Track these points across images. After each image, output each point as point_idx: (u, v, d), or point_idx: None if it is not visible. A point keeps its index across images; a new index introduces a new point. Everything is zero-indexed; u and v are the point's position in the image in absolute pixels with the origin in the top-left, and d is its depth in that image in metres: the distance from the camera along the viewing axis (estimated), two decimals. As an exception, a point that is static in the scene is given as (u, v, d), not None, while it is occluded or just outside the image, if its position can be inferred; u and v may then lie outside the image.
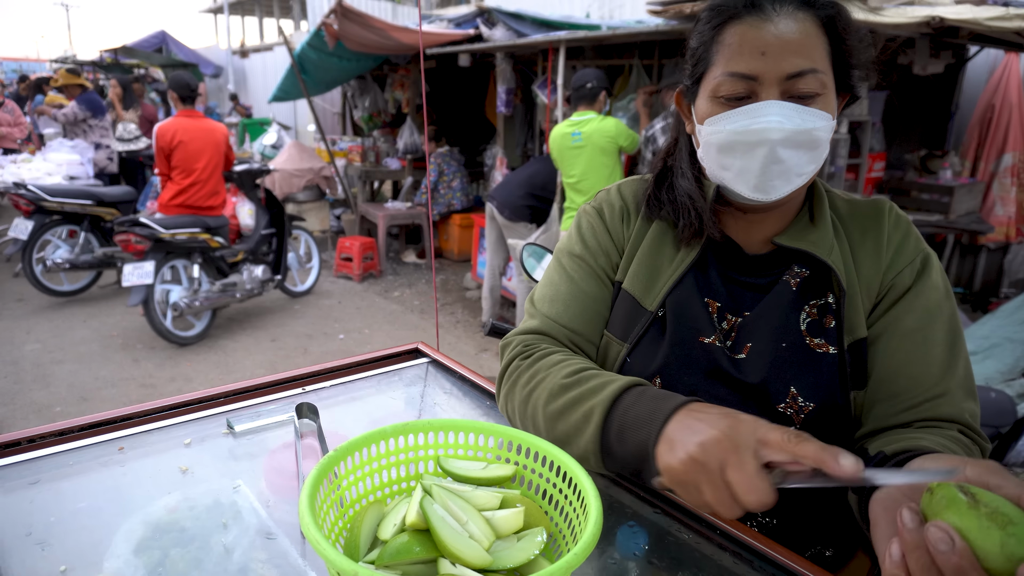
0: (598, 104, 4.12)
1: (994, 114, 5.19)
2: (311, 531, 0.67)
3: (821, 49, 0.90)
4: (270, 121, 10.04)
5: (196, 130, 4.88)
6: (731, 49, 0.91)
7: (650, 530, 0.93)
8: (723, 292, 1.04)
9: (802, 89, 0.89)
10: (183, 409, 1.12)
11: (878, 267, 1.00)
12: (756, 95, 0.90)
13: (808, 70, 0.88)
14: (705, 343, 1.01)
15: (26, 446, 0.99)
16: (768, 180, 0.92)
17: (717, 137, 0.94)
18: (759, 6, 0.90)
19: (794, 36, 0.88)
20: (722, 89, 0.92)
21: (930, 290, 0.98)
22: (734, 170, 0.95)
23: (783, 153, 0.90)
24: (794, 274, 1.01)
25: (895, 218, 1.03)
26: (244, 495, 1.01)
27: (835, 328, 0.98)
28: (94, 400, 4.08)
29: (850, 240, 1.02)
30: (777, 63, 0.88)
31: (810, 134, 0.90)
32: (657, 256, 1.06)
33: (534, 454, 0.87)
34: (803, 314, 1.00)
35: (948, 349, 0.96)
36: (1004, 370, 3.39)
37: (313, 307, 5.97)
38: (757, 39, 0.89)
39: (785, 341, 0.98)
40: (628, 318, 1.05)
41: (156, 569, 0.86)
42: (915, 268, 0.99)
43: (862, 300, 0.99)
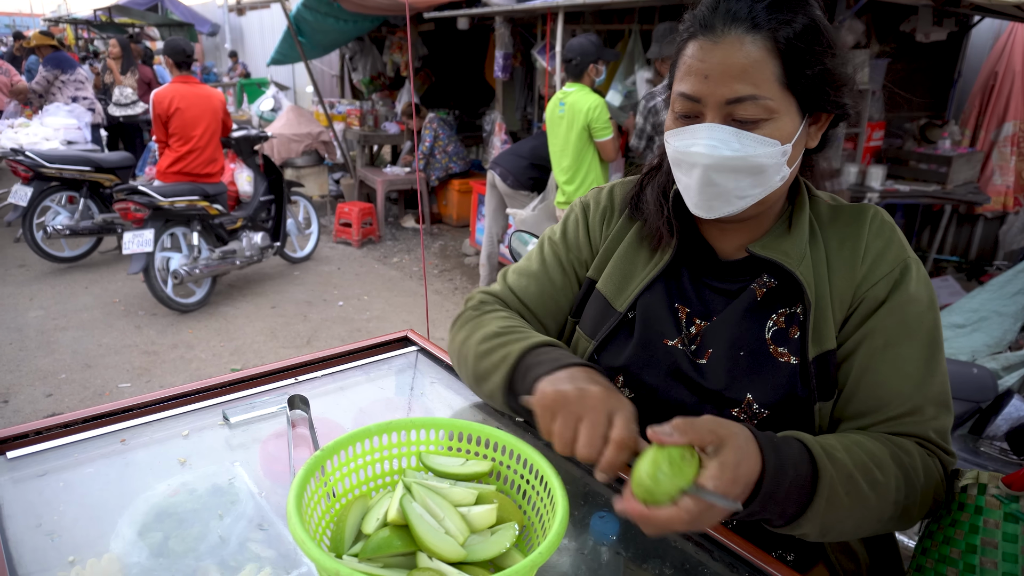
0: (586, 78, 4.08)
1: (997, 82, 5.13)
2: (297, 530, 0.73)
3: (768, 73, 0.89)
4: (267, 82, 9.93)
5: (193, 97, 4.86)
6: (684, 68, 0.93)
7: (620, 519, 0.99)
8: (693, 297, 1.06)
9: (742, 115, 0.89)
10: (180, 400, 1.17)
11: (852, 278, 0.98)
12: (701, 116, 0.92)
13: (747, 96, 0.88)
14: (668, 345, 1.05)
15: (33, 438, 1.05)
16: (706, 200, 0.95)
17: (669, 150, 0.98)
18: (710, 27, 0.90)
19: (736, 61, 0.88)
20: (676, 105, 0.95)
21: (907, 304, 0.96)
22: (682, 185, 0.99)
23: (716, 177, 0.92)
24: (762, 283, 1.02)
25: (877, 226, 1.01)
26: (240, 482, 1.07)
27: (799, 339, 0.99)
28: (98, 367, 4.16)
29: (827, 248, 1.01)
30: (717, 87, 0.89)
31: (747, 160, 0.90)
32: (632, 259, 1.10)
33: (509, 451, 0.92)
34: (770, 322, 1.01)
35: (923, 365, 0.95)
36: (991, 343, 3.45)
37: (313, 273, 6.02)
38: (703, 62, 0.90)
39: (744, 348, 1.00)
40: (598, 317, 1.10)
41: (158, 550, 0.92)
42: (891, 280, 0.97)
43: (833, 311, 0.98)
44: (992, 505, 0.90)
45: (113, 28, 12.82)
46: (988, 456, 2.76)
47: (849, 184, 4.73)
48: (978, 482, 0.92)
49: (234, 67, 13.01)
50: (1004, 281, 3.71)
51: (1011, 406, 2.85)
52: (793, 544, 1.04)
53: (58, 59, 6.95)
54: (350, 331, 4.84)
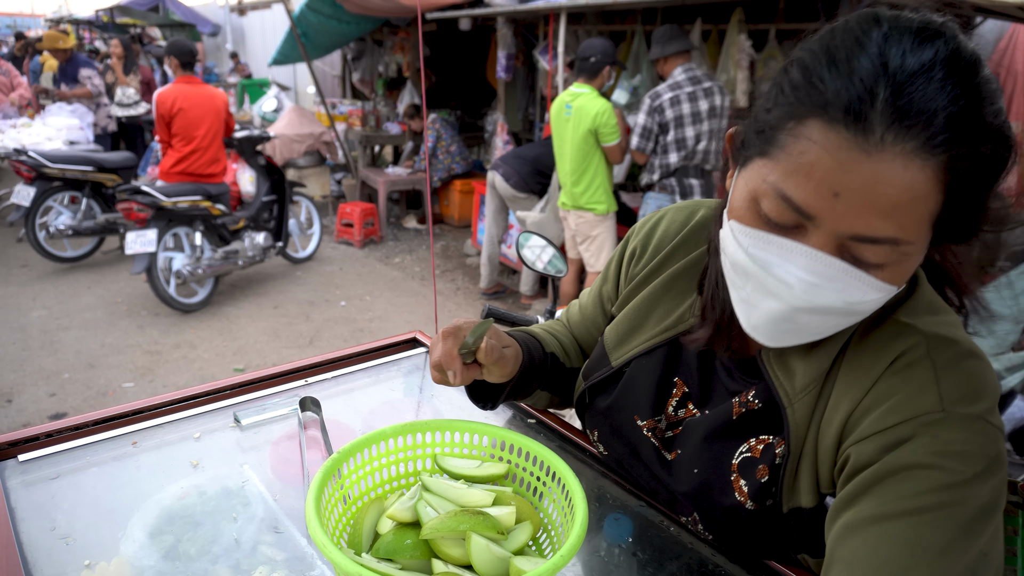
0: (599, 79, 4.08)
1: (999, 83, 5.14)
2: (318, 534, 0.73)
3: (924, 212, 0.62)
4: (269, 82, 9.93)
5: (196, 97, 4.86)
6: (798, 162, 0.63)
7: (635, 521, 0.99)
8: (696, 379, 0.92)
9: (867, 257, 0.65)
10: (191, 403, 1.17)
11: (841, 425, 0.74)
12: (804, 232, 0.66)
13: (886, 239, 0.63)
14: (637, 424, 0.96)
15: (44, 441, 1.05)
16: (772, 332, 0.73)
17: (735, 252, 0.72)
18: (866, 121, 0.60)
19: (890, 191, 0.60)
20: (764, 203, 0.67)
21: (905, 471, 0.67)
22: (740, 294, 0.75)
23: (801, 318, 0.69)
24: (744, 401, 0.84)
25: (905, 363, 0.71)
26: (252, 484, 1.06)
27: (765, 484, 0.80)
28: (101, 367, 4.16)
29: (837, 379, 0.76)
30: (847, 215, 0.62)
31: (848, 307, 0.67)
32: (646, 314, 0.98)
33: (525, 453, 0.92)
34: (744, 446, 0.83)
35: (915, 557, 0.63)
36: (994, 344, 3.44)
37: (315, 273, 6.02)
38: (836, 172, 0.61)
39: (700, 466, 0.87)
40: (596, 362, 1.04)
41: (170, 553, 0.92)
42: (886, 440, 0.68)
43: (818, 463, 0.76)
44: (1010, 512, 0.89)
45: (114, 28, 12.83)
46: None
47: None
48: None
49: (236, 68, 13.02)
50: (1007, 282, 3.71)
51: (1014, 407, 2.84)
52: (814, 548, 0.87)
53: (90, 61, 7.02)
54: (352, 331, 4.84)
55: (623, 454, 1.01)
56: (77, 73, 6.85)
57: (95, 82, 6.84)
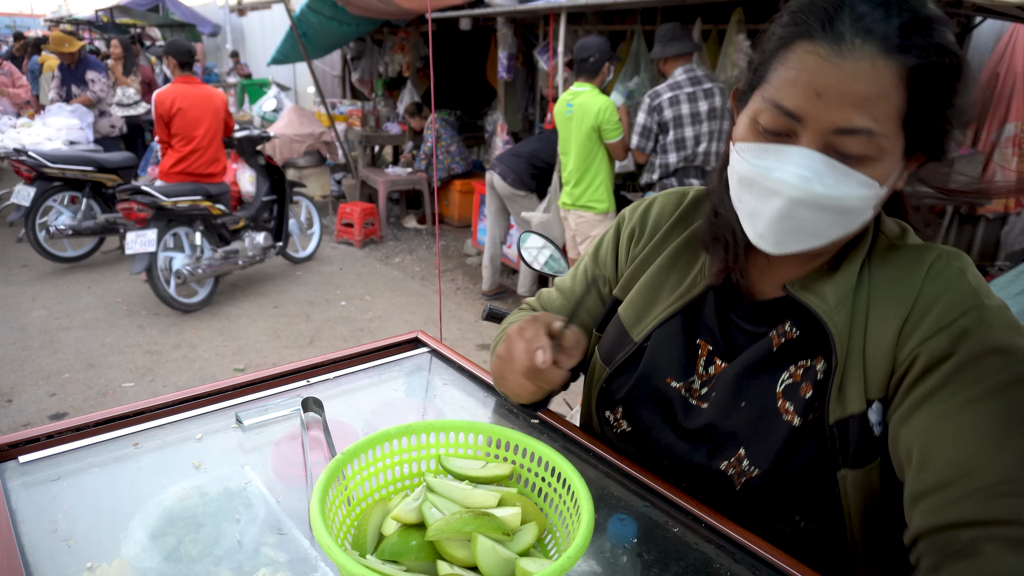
0: (599, 77, 4.09)
1: (998, 83, 5.13)
2: (323, 536, 0.72)
3: (892, 107, 0.75)
4: (269, 82, 9.92)
5: (195, 97, 4.86)
6: (786, 75, 0.78)
7: (640, 521, 0.98)
8: (718, 335, 0.98)
9: (849, 148, 0.76)
10: (193, 403, 1.17)
11: (895, 332, 0.82)
12: (795, 136, 0.79)
13: (862, 130, 0.75)
14: (672, 386, 1.00)
15: (45, 442, 1.04)
16: (777, 234, 0.83)
17: (740, 167, 0.84)
18: (837, 33, 0.74)
19: (860, 86, 0.73)
20: (762, 117, 0.81)
21: (984, 355, 0.77)
22: (746, 208, 0.86)
23: (800, 212, 0.79)
24: (781, 332, 0.92)
25: (938, 270, 0.83)
26: (254, 485, 1.06)
27: (810, 399, 0.88)
28: (101, 367, 4.16)
29: (871, 294, 0.86)
30: (828, 110, 0.75)
31: (839, 201, 0.78)
32: (658, 287, 1.04)
33: (530, 454, 0.91)
34: (785, 374, 0.91)
35: (1013, 426, 0.73)
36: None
37: (315, 273, 6.02)
38: (817, 75, 0.75)
39: (747, 400, 0.93)
40: (615, 343, 1.06)
41: (171, 555, 0.91)
42: (957, 330, 0.78)
43: (866, 370, 0.84)
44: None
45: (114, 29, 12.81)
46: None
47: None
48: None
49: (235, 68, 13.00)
50: (1006, 282, 3.70)
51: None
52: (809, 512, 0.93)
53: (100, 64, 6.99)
54: (352, 331, 4.83)
55: (653, 422, 1.02)
56: (84, 75, 6.82)
57: (95, 88, 6.80)
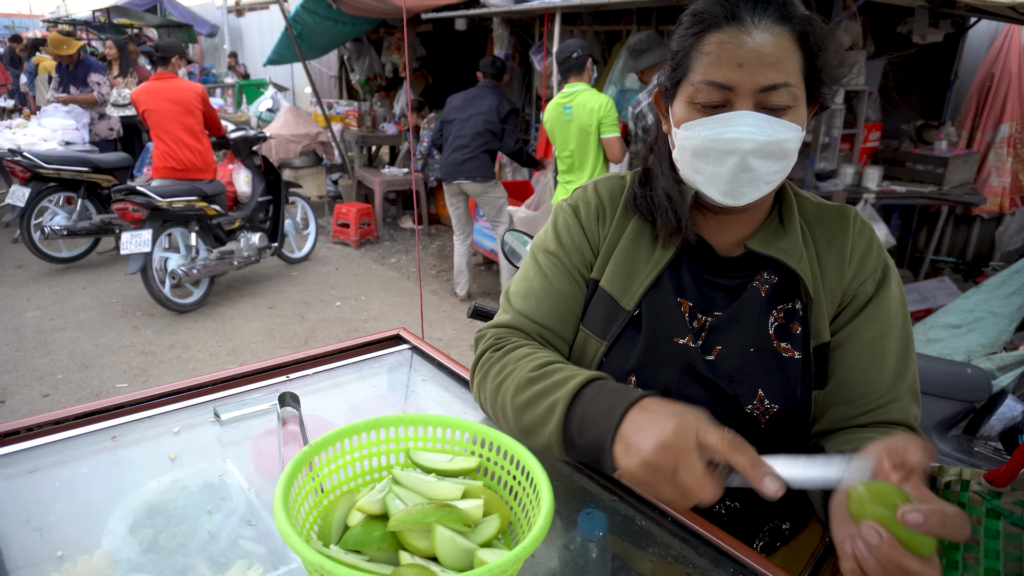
0: (587, 74, 4.09)
1: (993, 83, 5.15)
2: (283, 524, 0.74)
3: (795, 63, 0.93)
4: (266, 83, 9.94)
5: (162, 91, 4.90)
6: (709, 58, 0.94)
7: (608, 515, 1.00)
8: (695, 292, 1.08)
9: (775, 102, 0.93)
10: (172, 398, 1.18)
11: (841, 276, 1.05)
12: (731, 104, 0.94)
13: (781, 84, 0.92)
14: (679, 344, 1.06)
15: (24, 435, 1.06)
16: (738, 187, 0.97)
17: (692, 142, 0.98)
18: (739, 18, 0.93)
19: (770, 50, 0.91)
20: (699, 96, 0.95)
21: (889, 300, 1.05)
22: (706, 175, 0.99)
23: (753, 162, 0.94)
24: (763, 280, 1.07)
25: (860, 226, 1.08)
26: (231, 479, 1.07)
27: (801, 334, 1.04)
28: (95, 367, 4.17)
29: (816, 247, 1.07)
30: (753, 75, 0.91)
31: (780, 145, 0.94)
32: (634, 256, 1.10)
33: (496, 448, 0.93)
34: (771, 318, 1.05)
35: (901, 357, 1.03)
36: (986, 344, 3.46)
37: (310, 274, 6.03)
38: (735, 50, 0.92)
39: (753, 345, 1.04)
40: (606, 316, 1.08)
41: (149, 548, 0.93)
42: (876, 278, 1.05)
43: (826, 306, 1.04)
44: (975, 501, 0.90)
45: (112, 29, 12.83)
46: (982, 456, 2.77)
47: (846, 185, 4.74)
48: (961, 479, 0.93)
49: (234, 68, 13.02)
50: (1000, 282, 3.72)
51: (1005, 406, 2.85)
52: (787, 513, 1.13)
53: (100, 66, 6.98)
54: (347, 331, 4.84)
55: (671, 382, 1.05)
56: (87, 76, 6.81)
57: (102, 90, 6.81)
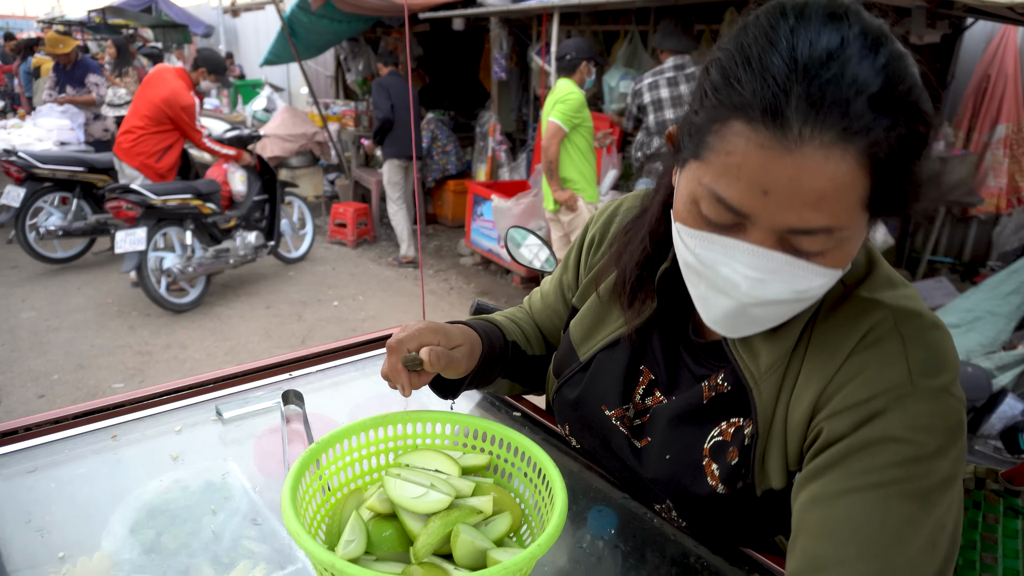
0: (578, 75, 4.12)
1: (989, 84, 5.16)
2: (292, 523, 0.72)
3: (853, 197, 0.62)
4: (262, 83, 9.90)
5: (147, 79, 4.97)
6: (726, 163, 0.64)
7: (618, 513, 0.99)
8: (662, 366, 0.92)
9: (805, 247, 0.66)
10: (173, 396, 1.16)
11: (812, 401, 0.74)
12: (743, 230, 0.67)
13: (820, 229, 0.64)
14: (606, 414, 0.95)
15: (23, 434, 1.04)
16: (731, 325, 0.75)
17: (684, 253, 0.74)
18: (782, 120, 0.60)
19: (815, 184, 0.61)
20: (703, 205, 0.68)
21: (878, 444, 0.68)
22: (697, 291, 0.76)
23: (754, 311, 0.71)
24: (713, 384, 0.84)
25: (874, 338, 0.73)
26: (234, 478, 1.06)
27: (735, 467, 0.80)
28: (91, 368, 4.14)
29: (807, 355, 0.77)
30: (779, 211, 0.63)
31: (796, 295, 0.69)
32: (609, 306, 0.98)
33: (507, 444, 0.91)
34: (716, 430, 0.83)
35: (892, 527, 0.65)
36: (985, 343, 3.46)
37: (307, 273, 6.00)
38: (762, 170, 0.62)
39: (672, 454, 0.87)
40: (564, 357, 1.04)
41: (151, 548, 0.91)
42: (860, 414, 0.70)
43: (787, 442, 0.77)
44: (992, 500, 0.89)
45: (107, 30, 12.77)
46: (982, 454, 2.78)
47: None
48: (975, 475, 0.92)
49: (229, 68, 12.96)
50: (998, 282, 3.73)
51: (1005, 405, 2.86)
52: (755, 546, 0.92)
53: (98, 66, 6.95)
54: (345, 331, 4.82)
55: (595, 445, 1.00)
56: (84, 77, 6.77)
57: (101, 91, 6.77)
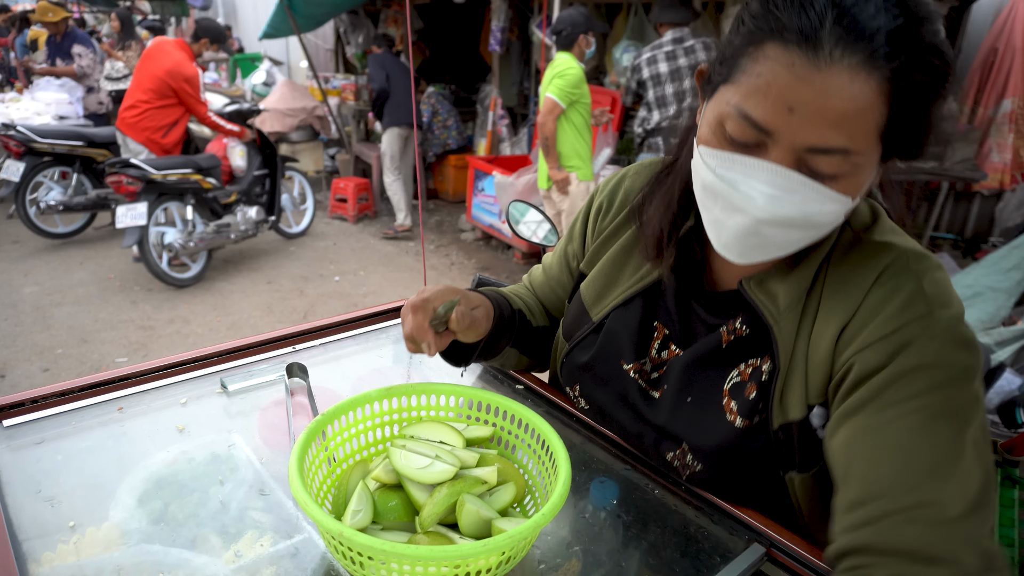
0: (576, 49, 4.07)
1: (997, 58, 5.10)
2: (299, 492, 0.73)
3: (871, 122, 0.68)
4: (261, 57, 9.79)
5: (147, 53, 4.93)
6: (756, 82, 0.70)
7: (620, 484, 1.00)
8: (675, 320, 0.96)
9: (822, 168, 0.70)
10: (178, 369, 1.17)
11: (834, 336, 0.79)
12: (764, 150, 0.72)
13: (838, 149, 0.69)
14: (623, 368, 0.98)
15: (30, 406, 1.04)
16: (742, 247, 0.78)
17: (704, 174, 0.78)
18: (815, 41, 0.66)
19: (838, 103, 0.66)
20: (728, 124, 0.73)
21: (916, 372, 0.73)
22: (711, 215, 0.80)
23: (766, 230, 0.75)
24: (732, 328, 0.89)
25: (891, 275, 0.78)
26: (239, 450, 1.06)
27: (753, 401, 0.85)
28: (94, 342, 4.15)
29: (823, 293, 0.82)
30: (801, 128, 0.68)
31: (808, 218, 0.73)
32: (620, 267, 1.02)
33: (511, 416, 0.92)
34: (734, 371, 0.88)
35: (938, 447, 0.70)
36: (985, 319, 3.46)
37: (308, 248, 6.00)
38: (789, 88, 0.67)
39: (692, 395, 0.91)
40: (575, 320, 1.07)
41: (158, 519, 0.92)
42: (894, 344, 0.74)
43: (808, 377, 0.81)
44: (991, 469, 0.90)
45: (103, 2, 12.60)
46: (981, 429, 2.79)
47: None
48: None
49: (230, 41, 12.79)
50: (999, 257, 3.72)
51: (1003, 380, 2.86)
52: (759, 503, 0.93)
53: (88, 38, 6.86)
54: (347, 306, 4.83)
55: (607, 402, 1.02)
56: (71, 48, 6.70)
57: (83, 63, 6.67)
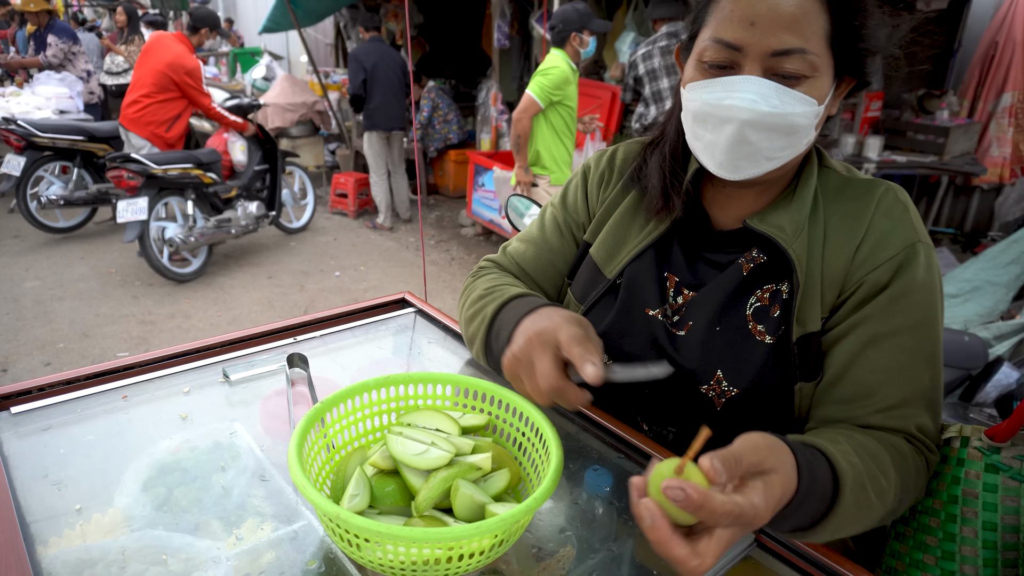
0: (569, 47, 4.05)
1: (997, 52, 5.10)
2: (298, 476, 0.75)
3: (818, 27, 0.84)
4: (261, 51, 9.79)
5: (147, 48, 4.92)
6: (722, 14, 0.87)
7: (614, 472, 1.02)
8: (684, 267, 1.04)
9: (787, 69, 0.84)
10: (181, 359, 1.19)
11: (849, 259, 0.93)
12: (739, 67, 0.87)
13: (796, 49, 0.83)
14: (649, 315, 1.03)
15: (36, 394, 1.07)
16: (733, 160, 0.89)
17: (693, 105, 0.91)
18: None
19: (788, 10, 0.83)
20: (706, 55, 0.88)
21: (910, 291, 0.90)
22: (704, 142, 0.92)
23: (752, 135, 0.87)
24: (750, 258, 0.99)
25: (887, 205, 0.94)
26: (241, 438, 1.09)
27: (778, 318, 0.95)
28: (95, 336, 4.18)
29: (827, 224, 0.96)
30: (764, 36, 0.83)
31: (786, 118, 0.85)
32: (627, 226, 1.09)
33: (505, 405, 0.94)
34: (753, 298, 0.98)
35: (917, 357, 0.90)
36: (983, 313, 3.48)
37: (309, 243, 6.02)
38: (749, 7, 0.84)
39: (721, 324, 0.98)
40: (588, 282, 1.11)
41: (162, 505, 0.94)
42: (895, 264, 0.91)
43: (823, 292, 0.94)
44: (974, 457, 0.92)
45: (103, -4, 12.58)
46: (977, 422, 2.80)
47: (846, 155, 4.73)
48: (961, 435, 0.95)
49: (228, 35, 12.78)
50: (998, 251, 3.73)
51: (1000, 373, 2.89)
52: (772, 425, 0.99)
53: (66, 30, 6.83)
54: (347, 301, 4.85)
55: (635, 351, 1.03)
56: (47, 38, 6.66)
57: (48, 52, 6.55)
